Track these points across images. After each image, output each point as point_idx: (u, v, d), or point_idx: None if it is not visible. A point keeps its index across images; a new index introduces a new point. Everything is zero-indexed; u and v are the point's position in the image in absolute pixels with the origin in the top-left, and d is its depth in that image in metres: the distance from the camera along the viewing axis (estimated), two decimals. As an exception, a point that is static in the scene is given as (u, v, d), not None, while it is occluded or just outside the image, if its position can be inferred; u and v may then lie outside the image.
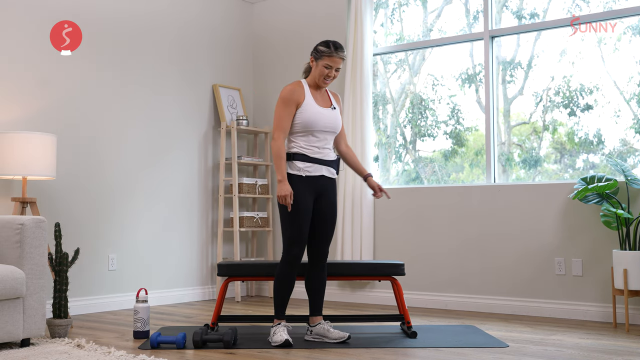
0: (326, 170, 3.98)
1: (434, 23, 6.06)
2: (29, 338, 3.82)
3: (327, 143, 3.99)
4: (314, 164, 3.93)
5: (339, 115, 4.05)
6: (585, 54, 5.27)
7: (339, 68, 3.97)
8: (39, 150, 4.48)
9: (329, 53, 3.91)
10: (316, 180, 3.94)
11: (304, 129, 3.91)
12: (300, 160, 3.91)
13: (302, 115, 3.90)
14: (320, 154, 3.95)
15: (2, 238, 3.89)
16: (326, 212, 4.00)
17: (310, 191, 3.92)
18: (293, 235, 3.87)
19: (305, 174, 3.91)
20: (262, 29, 6.78)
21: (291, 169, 3.92)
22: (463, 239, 5.48)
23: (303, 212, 3.88)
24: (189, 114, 6.17)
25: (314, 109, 3.93)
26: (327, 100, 4.05)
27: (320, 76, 3.95)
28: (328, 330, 3.98)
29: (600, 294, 4.84)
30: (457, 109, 5.88)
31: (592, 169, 5.24)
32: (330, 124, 3.97)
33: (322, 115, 3.93)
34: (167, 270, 5.88)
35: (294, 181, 3.90)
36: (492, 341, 3.94)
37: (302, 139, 3.93)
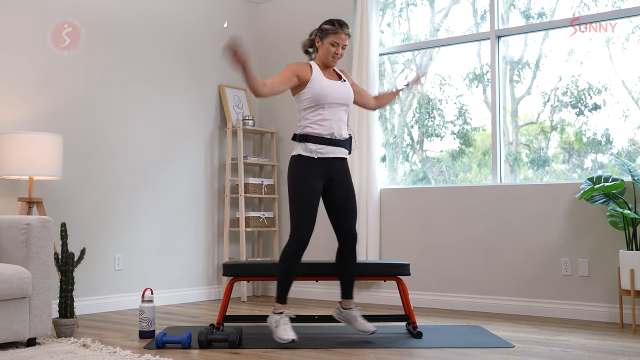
0: (338, 151, 3.98)
1: (441, 23, 6.04)
2: (35, 337, 3.83)
3: (340, 118, 3.97)
4: (326, 145, 3.92)
5: (349, 87, 4.04)
6: (593, 54, 5.24)
7: (345, 45, 3.98)
8: (45, 150, 4.49)
9: (334, 30, 3.93)
10: (328, 162, 3.94)
11: (315, 102, 3.89)
12: (313, 142, 3.90)
13: (311, 89, 3.90)
14: (332, 130, 3.92)
15: (9, 238, 3.91)
16: (343, 193, 4.01)
17: (321, 174, 3.92)
18: (300, 218, 3.85)
19: (317, 155, 3.90)
20: (268, 30, 6.78)
21: (303, 150, 3.91)
22: (469, 239, 5.47)
23: (311, 195, 3.87)
24: (195, 114, 6.18)
25: (323, 81, 3.93)
26: (336, 76, 4.07)
27: (327, 54, 3.95)
28: (356, 318, 4.03)
29: (607, 295, 4.82)
30: (464, 109, 5.86)
31: (601, 169, 5.21)
32: (341, 96, 3.96)
33: (331, 88, 3.93)
34: (173, 270, 5.89)
35: (305, 163, 3.90)
36: (498, 341, 3.93)
37: (314, 116, 3.91)
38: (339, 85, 3.99)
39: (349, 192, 4.04)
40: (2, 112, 4.80)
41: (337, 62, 4.01)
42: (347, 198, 4.02)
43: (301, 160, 3.91)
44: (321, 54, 3.99)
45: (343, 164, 4.04)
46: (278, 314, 3.89)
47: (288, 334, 3.79)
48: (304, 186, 3.88)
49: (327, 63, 3.99)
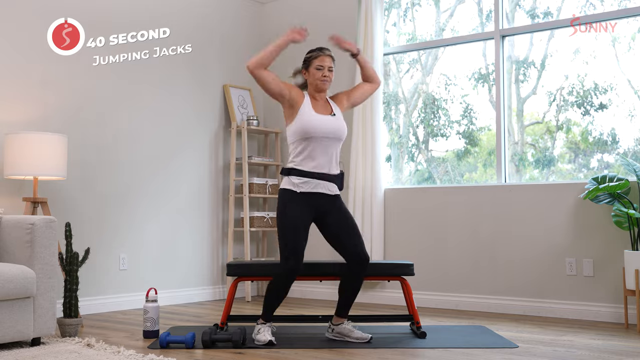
0: (324, 186, 3.87)
1: (446, 23, 6.04)
2: (39, 337, 3.84)
3: (328, 155, 3.88)
4: (310, 179, 3.84)
5: (340, 122, 3.94)
6: (599, 53, 5.23)
7: (332, 68, 3.94)
8: (50, 150, 4.51)
9: (315, 55, 3.94)
10: (313, 198, 3.85)
11: (302, 135, 3.82)
12: (296, 175, 3.84)
13: (299, 121, 3.83)
14: (318, 165, 3.85)
15: (13, 238, 3.93)
16: (343, 222, 3.92)
17: (306, 206, 3.84)
18: (287, 249, 3.78)
19: (299, 189, 3.83)
20: (273, 30, 6.77)
21: (286, 184, 3.87)
22: (474, 239, 5.46)
23: (297, 227, 3.80)
24: (199, 114, 6.18)
25: (311, 115, 3.85)
26: (328, 109, 3.98)
27: (315, 80, 3.92)
28: (351, 330, 3.98)
29: (612, 295, 4.80)
30: (469, 109, 5.85)
31: (607, 168, 5.19)
32: (330, 130, 3.86)
33: (320, 122, 3.85)
34: (177, 270, 5.90)
35: (289, 196, 3.84)
36: (502, 342, 3.92)
37: (301, 150, 3.85)
38: (329, 119, 3.89)
39: (349, 221, 3.94)
40: (7, 113, 4.82)
41: (328, 85, 3.95)
42: (348, 227, 3.91)
43: (286, 194, 3.86)
44: (310, 82, 3.96)
45: (332, 200, 3.92)
46: (261, 324, 3.91)
47: (265, 336, 3.80)
48: (289, 218, 3.81)
49: (317, 88, 3.93)
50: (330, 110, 3.97)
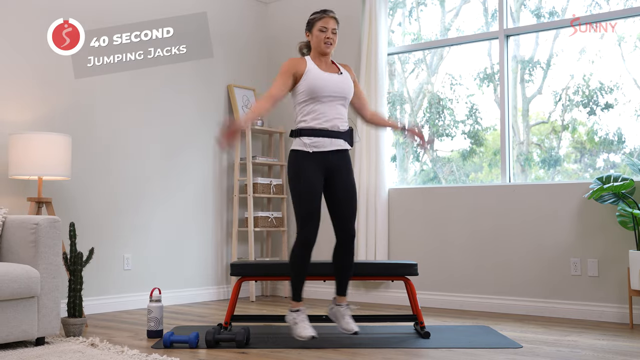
0: (336, 143, 3.86)
1: (451, 22, 6.02)
2: (43, 337, 3.85)
3: (337, 112, 3.86)
4: (321, 137, 3.82)
5: (347, 81, 3.93)
6: (604, 53, 5.21)
7: (335, 30, 3.92)
8: (54, 150, 4.52)
9: (319, 16, 3.92)
10: (325, 156, 3.84)
11: (309, 95, 3.81)
12: (307, 135, 3.82)
13: (306, 81, 3.82)
14: (329, 124, 3.83)
15: (18, 238, 3.94)
16: (343, 188, 3.91)
17: (319, 167, 3.83)
18: (304, 214, 3.78)
19: (312, 149, 3.81)
20: (277, 30, 6.78)
21: (298, 145, 3.84)
22: (478, 239, 5.44)
23: (312, 190, 3.80)
24: (203, 114, 6.19)
25: (317, 73, 3.84)
26: (335, 68, 3.97)
27: (319, 41, 3.89)
28: (342, 316, 3.98)
29: (617, 295, 4.78)
30: (475, 109, 5.84)
31: (613, 168, 5.17)
32: (337, 89, 3.86)
33: (327, 80, 3.84)
34: (182, 269, 5.91)
35: (301, 157, 3.82)
36: (506, 342, 3.91)
37: (309, 110, 3.83)
38: (336, 77, 3.89)
39: (349, 189, 3.93)
40: (10, 113, 4.83)
41: (331, 48, 3.92)
42: (346, 196, 3.92)
43: (297, 155, 3.84)
44: (313, 44, 3.93)
45: (343, 156, 3.91)
46: (295, 311, 3.88)
47: (307, 330, 3.77)
48: (303, 182, 3.80)
49: (321, 50, 3.91)
50: (337, 69, 3.97)
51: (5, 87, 4.82)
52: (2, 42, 4.83)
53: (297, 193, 3.82)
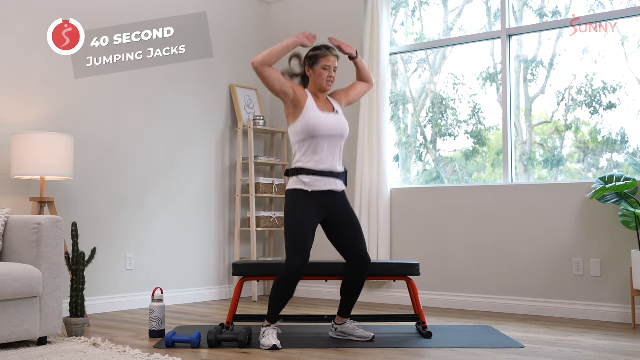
0: (333, 183, 3.85)
1: (454, 22, 6.02)
2: (46, 336, 3.86)
3: (333, 152, 3.86)
4: (320, 177, 3.81)
5: (343, 119, 3.93)
6: (608, 52, 5.20)
7: (336, 68, 3.91)
8: (57, 150, 4.52)
9: (323, 54, 3.88)
10: (323, 197, 3.82)
11: (308, 134, 3.79)
12: (306, 174, 3.80)
13: (304, 119, 3.80)
14: (326, 165, 3.83)
15: (20, 238, 3.94)
16: (348, 223, 3.90)
17: (316, 206, 3.81)
18: (294, 247, 3.74)
19: (311, 189, 3.79)
20: (279, 29, 6.78)
21: (296, 184, 3.82)
22: (480, 239, 5.44)
23: (305, 225, 3.77)
24: (206, 114, 6.19)
25: (316, 113, 3.83)
26: (330, 106, 3.96)
27: (321, 80, 3.88)
28: (354, 329, 3.99)
29: (619, 295, 4.77)
30: (477, 108, 5.83)
31: (616, 168, 5.16)
32: (335, 128, 3.85)
33: (325, 119, 3.82)
34: (184, 269, 5.91)
35: (299, 195, 3.79)
36: (508, 342, 3.91)
37: (307, 150, 3.82)
38: (333, 117, 3.88)
39: (354, 221, 3.92)
40: (13, 113, 4.84)
41: (332, 86, 3.92)
42: (353, 228, 3.90)
43: (295, 194, 3.81)
44: (314, 81, 3.91)
45: (341, 197, 3.91)
46: (266, 326, 3.87)
47: (270, 340, 3.75)
48: (298, 216, 3.77)
49: (322, 88, 3.90)
50: (332, 108, 3.95)
51: (7, 87, 4.83)
52: (4, 43, 4.84)
53: (290, 226, 3.79)
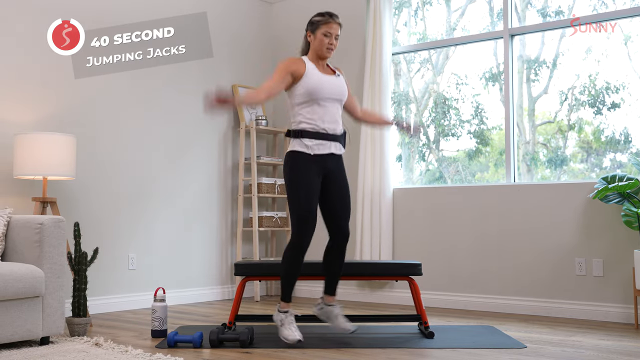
0: (334, 146, 3.90)
1: (457, 22, 6.01)
2: (48, 336, 3.86)
3: (334, 114, 3.89)
4: (322, 140, 3.84)
5: (343, 83, 3.97)
6: (611, 52, 5.18)
7: (338, 35, 3.92)
8: (59, 150, 4.53)
9: (325, 20, 3.89)
10: (324, 159, 3.87)
11: (309, 97, 3.82)
12: (309, 137, 3.83)
13: (305, 83, 3.83)
14: (328, 125, 3.86)
15: (22, 237, 3.95)
16: (338, 190, 3.94)
17: (318, 170, 3.85)
18: (300, 218, 3.79)
19: (313, 152, 3.83)
20: (281, 29, 6.78)
21: (299, 146, 3.84)
22: (483, 239, 5.43)
23: (310, 192, 3.81)
24: (208, 114, 6.18)
25: (316, 76, 3.85)
26: (330, 71, 3.99)
27: (321, 46, 3.89)
28: (337, 316, 4.00)
29: (622, 295, 4.76)
30: (480, 108, 5.82)
31: (620, 168, 5.15)
32: (335, 91, 3.89)
33: (326, 83, 3.86)
34: (186, 269, 5.92)
35: (302, 159, 3.83)
36: (510, 342, 3.90)
37: (308, 112, 3.84)
38: (334, 80, 3.92)
39: (344, 190, 3.98)
40: (15, 113, 4.85)
41: (332, 54, 3.93)
42: (342, 197, 3.96)
43: (298, 157, 3.84)
44: (314, 46, 3.92)
45: (338, 160, 3.96)
46: (283, 312, 3.88)
47: (294, 334, 3.77)
48: (303, 185, 3.81)
49: (322, 55, 3.92)
50: (333, 72, 3.99)
51: (10, 87, 4.84)
52: (5, 43, 4.84)
53: (296, 195, 3.83)
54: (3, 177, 4.71)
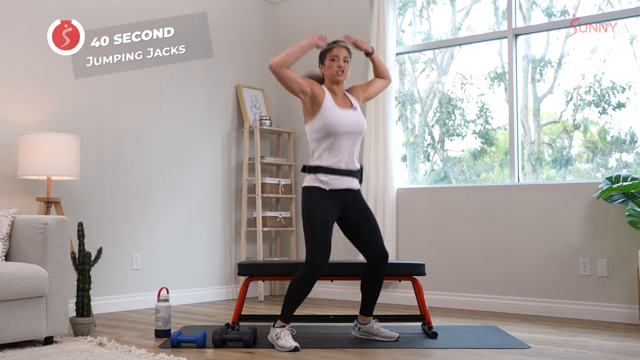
0: (349, 182, 3.87)
1: (462, 22, 6.00)
2: (52, 336, 3.87)
3: (351, 149, 3.87)
4: (338, 175, 3.82)
5: (361, 116, 3.94)
6: (616, 52, 5.17)
7: (347, 58, 3.91)
8: (63, 151, 4.54)
9: (329, 47, 3.91)
10: (340, 195, 3.84)
11: (327, 132, 3.80)
12: (324, 172, 3.81)
13: (323, 117, 3.80)
14: (344, 161, 3.84)
15: (26, 238, 3.96)
16: (363, 217, 3.91)
17: (334, 204, 3.82)
18: (316, 246, 3.76)
19: (328, 187, 3.81)
20: (285, 30, 6.78)
21: (313, 182, 3.83)
22: (487, 239, 5.42)
23: (326, 226, 3.78)
24: (212, 114, 6.20)
25: (335, 110, 3.83)
26: (347, 102, 3.96)
27: (332, 71, 3.89)
28: (378, 329, 4.01)
29: (626, 295, 4.74)
30: (485, 108, 5.81)
31: (625, 168, 5.13)
32: (353, 126, 3.85)
33: (344, 118, 3.82)
34: (190, 269, 5.92)
35: (316, 193, 3.81)
36: (514, 342, 3.90)
37: (326, 147, 3.82)
38: (351, 114, 3.88)
39: (368, 213, 3.94)
40: (19, 114, 4.86)
41: (344, 77, 3.91)
42: (369, 222, 3.92)
43: (313, 192, 3.82)
44: (327, 74, 3.92)
45: (356, 195, 3.92)
46: (279, 327, 3.83)
47: (290, 342, 3.72)
48: (318, 213, 3.78)
49: (334, 79, 3.90)
50: (350, 104, 3.96)
51: (13, 88, 4.85)
52: (5, 43, 4.85)
53: (311, 225, 3.79)
54: (7, 177, 4.73)
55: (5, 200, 4.71)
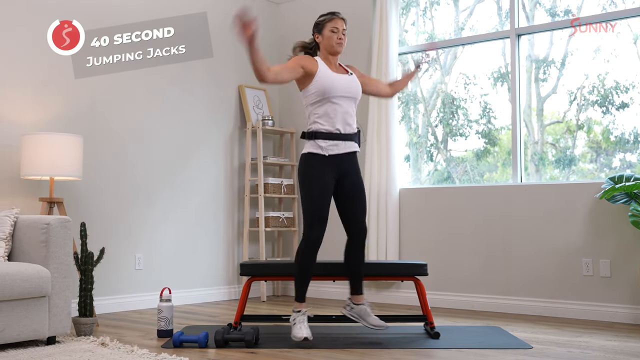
0: (348, 145, 3.94)
1: (465, 22, 5.99)
2: (54, 336, 3.87)
3: (348, 112, 3.93)
4: (336, 140, 3.89)
5: (356, 81, 4.01)
6: (620, 52, 5.16)
7: (345, 30, 3.98)
8: (66, 151, 4.54)
9: (329, 18, 3.98)
10: (339, 159, 3.91)
11: (322, 95, 3.86)
12: (323, 138, 3.88)
13: (318, 82, 3.87)
14: (342, 126, 3.90)
15: (29, 238, 3.97)
16: (353, 188, 3.98)
17: (332, 171, 3.89)
18: (313, 217, 3.84)
19: (328, 152, 3.88)
20: (288, 30, 6.78)
21: (313, 148, 3.89)
22: (488, 239, 5.41)
23: (323, 193, 3.86)
24: (215, 115, 6.20)
25: (329, 75, 3.90)
26: (342, 70, 4.04)
27: (330, 42, 3.95)
28: (369, 314, 4.03)
29: (629, 296, 4.73)
30: (488, 108, 5.80)
31: (629, 168, 5.12)
32: (348, 89, 3.93)
33: (338, 81, 3.90)
34: (193, 269, 5.92)
35: (316, 160, 3.87)
36: (516, 342, 3.89)
37: (321, 111, 3.89)
38: (346, 78, 3.96)
39: (359, 188, 4.02)
40: (22, 114, 4.87)
41: (342, 48, 3.99)
42: (357, 194, 4.00)
43: (312, 159, 3.89)
44: (324, 44, 3.98)
45: (352, 158, 4.00)
46: (297, 312, 3.90)
47: (301, 332, 3.78)
48: (316, 184, 3.86)
49: (332, 50, 3.97)
50: (346, 71, 4.04)
51: (15, 88, 4.85)
52: (5, 43, 4.85)
53: (309, 195, 3.88)
54: (10, 177, 4.73)
55: (8, 200, 4.71)
